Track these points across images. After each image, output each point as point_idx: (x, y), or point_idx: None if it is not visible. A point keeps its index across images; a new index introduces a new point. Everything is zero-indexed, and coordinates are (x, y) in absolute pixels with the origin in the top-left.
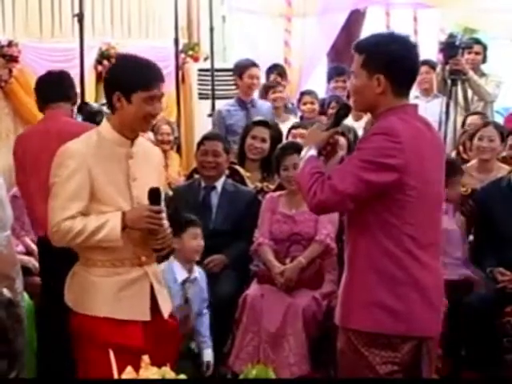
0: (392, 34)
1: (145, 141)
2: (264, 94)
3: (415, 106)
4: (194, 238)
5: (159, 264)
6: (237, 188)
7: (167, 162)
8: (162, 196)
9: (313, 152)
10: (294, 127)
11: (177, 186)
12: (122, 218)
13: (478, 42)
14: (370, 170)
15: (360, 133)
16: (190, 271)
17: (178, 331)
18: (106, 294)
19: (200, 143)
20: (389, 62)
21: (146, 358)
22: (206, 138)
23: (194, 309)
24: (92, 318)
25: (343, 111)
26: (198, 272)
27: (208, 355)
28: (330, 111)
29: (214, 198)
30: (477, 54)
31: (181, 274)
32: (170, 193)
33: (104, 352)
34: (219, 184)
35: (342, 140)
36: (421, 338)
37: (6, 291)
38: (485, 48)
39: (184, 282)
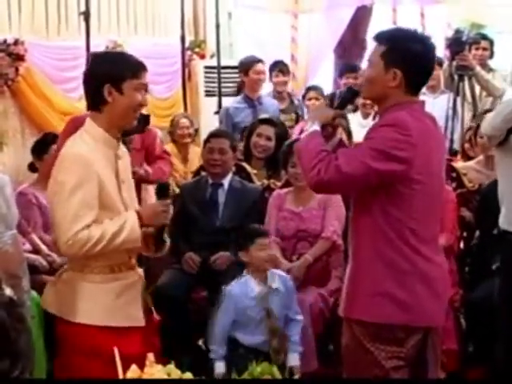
0: (415, 31)
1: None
2: (269, 76)
3: (422, 103)
4: (261, 250)
5: (157, 253)
6: (243, 185)
7: (187, 157)
8: (170, 191)
9: (317, 127)
10: None
11: (184, 184)
12: (139, 217)
13: (484, 37)
14: (378, 159)
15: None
16: (263, 282)
17: (158, 327)
18: (104, 302)
19: (206, 141)
20: (409, 58)
21: (150, 356)
22: (213, 135)
23: (280, 319)
24: (88, 326)
25: (349, 94)
26: (280, 282)
27: (292, 360)
28: None
29: (221, 195)
30: (484, 49)
31: (256, 287)
32: (177, 190)
33: (98, 361)
34: (226, 181)
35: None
36: (426, 330)
37: (7, 290)
38: (492, 43)
39: (261, 294)
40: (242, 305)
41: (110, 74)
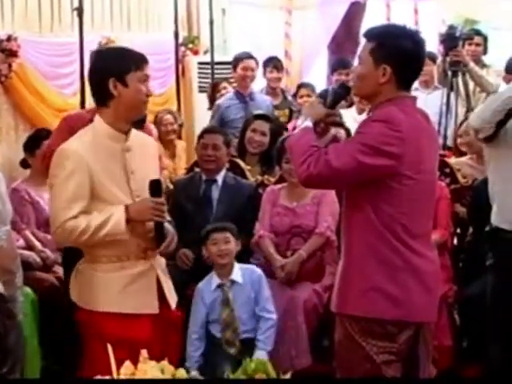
0: (405, 27)
1: (138, 132)
2: (263, 72)
3: (414, 99)
4: (213, 244)
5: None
6: (237, 181)
7: (175, 153)
8: (163, 188)
9: (310, 123)
10: None
11: (177, 180)
12: (126, 211)
13: (478, 33)
14: (367, 154)
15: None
16: (225, 276)
17: (182, 322)
18: (113, 289)
19: (200, 137)
20: (398, 54)
21: (144, 352)
22: (206, 131)
23: (239, 310)
24: (99, 313)
25: (342, 91)
26: (241, 275)
27: (258, 355)
28: None
29: (215, 192)
30: (477, 45)
31: (215, 280)
32: (171, 186)
33: (108, 345)
34: (220, 177)
35: (342, 131)
36: (418, 326)
37: None
38: (485, 39)
39: (220, 286)
40: (209, 299)
41: (114, 67)
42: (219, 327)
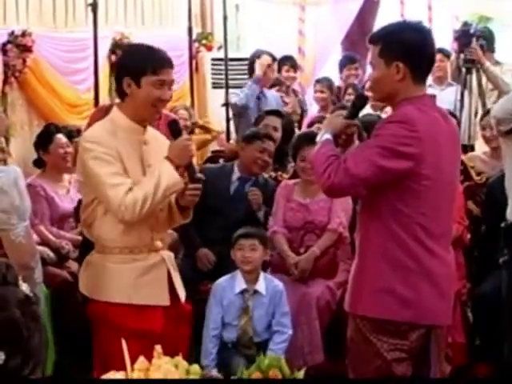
0: (405, 21)
1: (152, 129)
2: (278, 69)
3: (433, 97)
4: (239, 249)
5: (185, 220)
6: (266, 180)
7: None
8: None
9: (328, 136)
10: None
11: (207, 167)
12: (170, 160)
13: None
14: (385, 156)
15: None
16: (250, 283)
17: (192, 315)
18: (124, 281)
19: (258, 139)
20: (406, 48)
21: (158, 348)
22: (266, 135)
23: (255, 320)
24: (110, 304)
25: (360, 102)
26: (264, 286)
27: None
28: (347, 97)
29: (248, 189)
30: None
31: (239, 284)
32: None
33: (122, 338)
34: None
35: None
36: (429, 327)
37: (23, 286)
38: (490, 40)
39: (242, 292)
40: (226, 301)
41: (131, 67)
42: (233, 331)
